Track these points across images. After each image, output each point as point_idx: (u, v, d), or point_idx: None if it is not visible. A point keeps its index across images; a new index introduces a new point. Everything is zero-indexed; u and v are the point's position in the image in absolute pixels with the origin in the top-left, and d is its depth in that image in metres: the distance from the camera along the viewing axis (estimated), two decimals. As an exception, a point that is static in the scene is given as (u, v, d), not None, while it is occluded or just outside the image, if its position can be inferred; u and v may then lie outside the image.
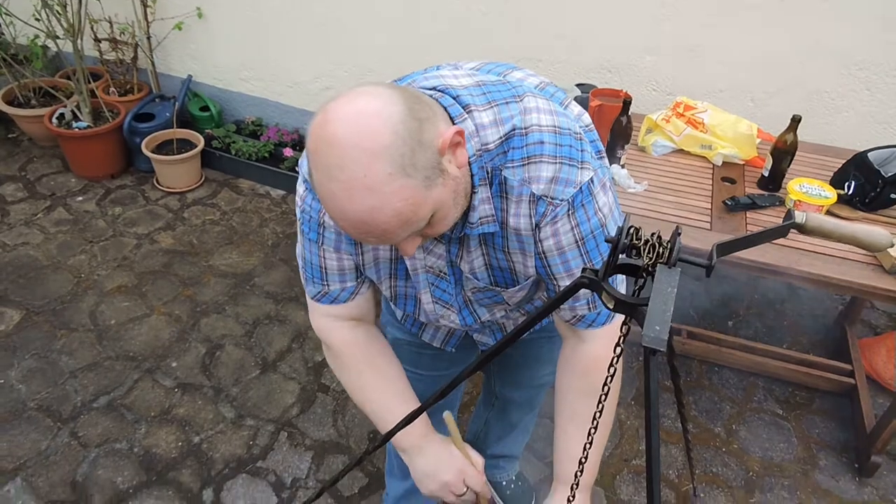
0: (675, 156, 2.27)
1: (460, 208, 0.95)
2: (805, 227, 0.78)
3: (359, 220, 0.84)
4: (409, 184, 0.82)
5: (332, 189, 0.82)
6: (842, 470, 2.23)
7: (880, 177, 1.87)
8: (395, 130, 0.80)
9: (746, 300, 2.90)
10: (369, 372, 1.24)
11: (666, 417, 2.37)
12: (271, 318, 2.70)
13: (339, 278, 1.15)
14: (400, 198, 0.82)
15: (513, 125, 0.96)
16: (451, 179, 0.89)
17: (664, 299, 0.71)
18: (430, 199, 0.85)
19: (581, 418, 0.98)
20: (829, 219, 0.78)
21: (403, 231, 0.87)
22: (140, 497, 2.04)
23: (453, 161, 0.88)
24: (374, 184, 0.80)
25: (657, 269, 0.74)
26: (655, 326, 0.67)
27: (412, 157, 0.81)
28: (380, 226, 0.84)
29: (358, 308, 1.21)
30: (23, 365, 2.44)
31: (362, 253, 1.12)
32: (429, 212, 0.87)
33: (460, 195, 0.93)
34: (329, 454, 2.20)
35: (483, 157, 0.96)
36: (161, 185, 3.41)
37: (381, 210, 0.82)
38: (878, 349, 2.48)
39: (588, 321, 1.11)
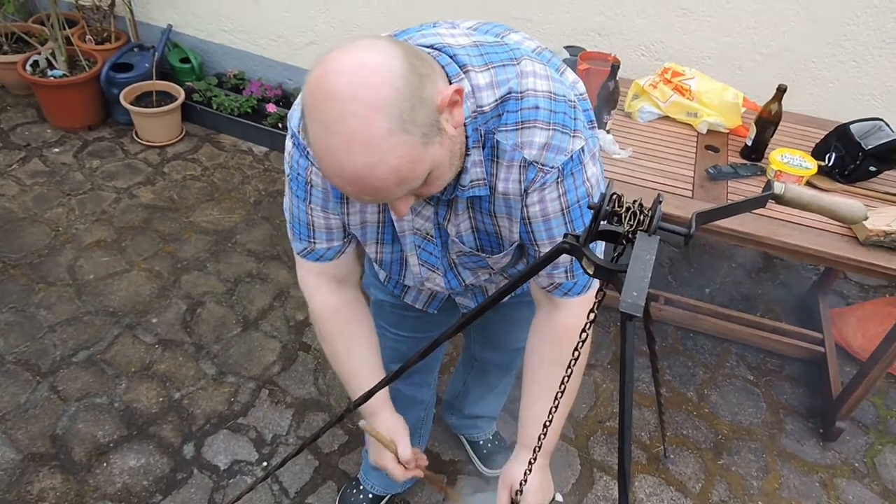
0: (661, 122, 2.27)
1: (455, 169, 0.95)
2: (783, 198, 0.79)
3: (355, 176, 0.82)
4: (408, 140, 0.80)
5: (330, 143, 0.80)
6: (807, 434, 2.30)
7: (861, 149, 1.89)
8: (396, 85, 0.78)
9: (724, 269, 2.95)
10: (342, 339, 1.27)
11: (640, 381, 2.42)
12: (253, 276, 2.69)
13: (327, 236, 1.15)
14: (398, 155, 0.80)
15: (509, 88, 0.95)
16: (448, 139, 0.87)
17: (643, 266, 0.72)
18: (427, 157, 0.84)
19: (549, 385, 0.99)
20: (807, 190, 0.79)
21: (399, 189, 0.85)
22: (121, 451, 2.06)
23: (450, 120, 0.87)
24: (372, 139, 0.78)
25: (637, 237, 0.75)
26: (633, 292, 0.68)
27: (412, 113, 0.79)
28: (376, 183, 0.83)
29: (342, 267, 1.21)
30: (0, 318, 2.42)
31: (349, 214, 1.11)
32: (425, 170, 0.86)
33: (456, 155, 0.92)
34: (309, 412, 2.23)
35: (478, 119, 0.95)
36: (140, 139, 3.34)
37: (378, 167, 0.81)
38: (848, 319, 2.54)
39: (565, 289, 1.12)
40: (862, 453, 2.26)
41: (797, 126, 2.29)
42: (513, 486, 1.16)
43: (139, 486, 1.97)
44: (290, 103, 3.40)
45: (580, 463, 2.16)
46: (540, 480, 1.18)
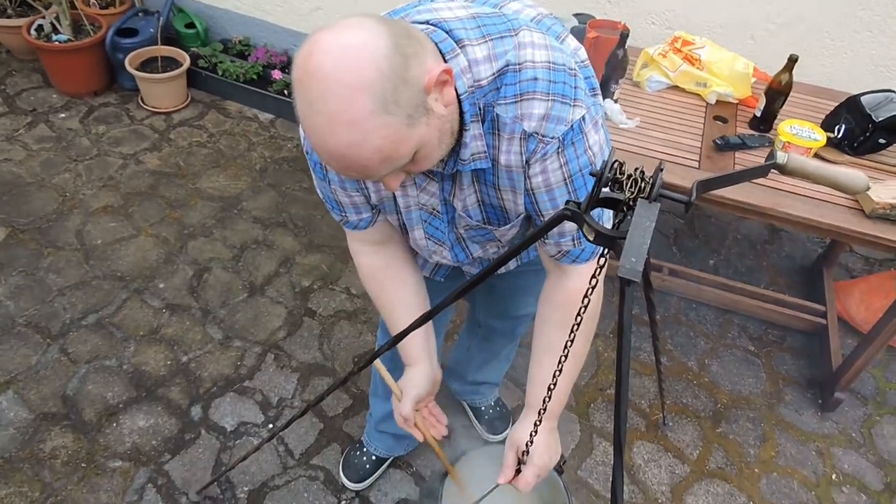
0: (670, 92, 2.25)
1: (446, 147, 0.95)
2: (786, 168, 0.80)
3: (339, 154, 0.84)
4: (391, 121, 0.81)
5: (315, 122, 0.82)
6: (806, 405, 2.33)
7: (871, 121, 1.87)
8: (379, 66, 0.79)
9: (729, 241, 2.95)
10: (385, 297, 1.33)
11: (642, 350, 2.44)
12: (259, 243, 2.71)
13: (354, 211, 1.19)
14: (380, 135, 0.82)
15: (506, 61, 0.94)
16: (437, 118, 0.88)
17: (642, 232, 0.73)
18: (412, 137, 0.85)
19: (556, 349, 1.01)
20: (811, 160, 0.79)
21: (384, 168, 0.87)
22: (130, 411, 2.10)
23: (440, 100, 0.88)
24: (355, 119, 0.80)
25: (637, 204, 0.76)
26: (631, 258, 0.69)
27: (395, 94, 0.80)
28: (360, 161, 0.84)
29: (380, 232, 1.26)
30: (10, 282, 2.45)
31: (367, 189, 1.14)
32: (411, 150, 0.87)
33: (446, 134, 0.93)
34: (314, 376, 2.26)
35: (476, 93, 0.95)
36: (146, 105, 3.34)
37: (360, 146, 0.82)
38: (851, 292, 2.54)
39: (572, 256, 1.13)
40: (859, 424, 2.29)
41: (808, 97, 2.26)
42: (519, 447, 1.17)
43: (148, 446, 2.02)
44: (295, 70, 3.38)
45: (580, 429, 2.19)
46: (547, 442, 1.19)
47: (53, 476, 1.92)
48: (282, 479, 1.99)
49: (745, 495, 2.06)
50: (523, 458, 1.17)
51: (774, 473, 2.13)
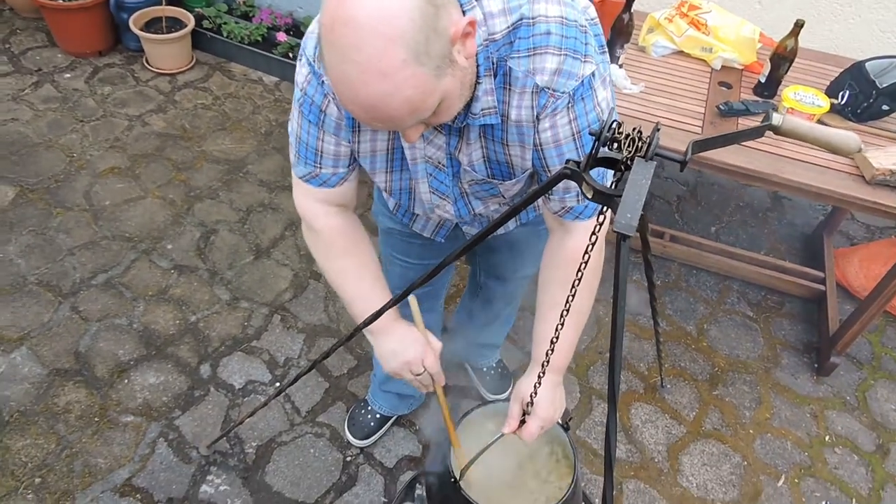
0: (675, 57, 2.24)
1: (464, 99, 0.96)
2: (781, 129, 0.81)
3: (370, 104, 0.85)
4: (421, 72, 0.82)
5: (347, 71, 0.82)
6: (802, 369, 2.37)
7: (875, 87, 1.87)
8: (413, 16, 0.79)
9: (732, 208, 2.96)
10: (349, 260, 1.28)
11: (641, 315, 2.48)
12: (265, 206, 2.74)
13: (333, 163, 1.16)
14: (411, 85, 0.83)
15: (521, 14, 0.95)
16: (460, 70, 0.89)
17: (638, 190, 0.75)
18: (439, 88, 0.86)
19: (560, 305, 1.03)
20: (804, 122, 0.81)
21: (411, 119, 0.88)
22: (141, 368, 2.16)
23: (462, 52, 0.88)
24: (388, 69, 0.80)
25: (634, 162, 0.78)
26: (627, 214, 0.72)
27: (426, 44, 0.81)
28: (389, 112, 0.85)
29: (343, 195, 1.23)
30: (20, 241, 2.49)
31: (359, 142, 1.13)
32: (436, 101, 0.88)
33: (466, 86, 0.94)
34: (320, 337, 2.31)
35: (489, 46, 0.96)
36: (151, 66, 3.33)
37: (392, 96, 0.83)
38: (851, 259, 2.57)
39: (576, 212, 1.15)
40: (854, 387, 2.33)
41: (813, 63, 2.25)
42: (524, 399, 1.20)
43: (159, 402, 2.08)
44: (300, 32, 3.36)
45: (580, 391, 2.25)
46: (552, 395, 1.22)
47: (68, 429, 1.99)
48: (289, 435, 2.05)
49: (739, 455, 2.12)
50: (528, 409, 1.20)
51: (769, 434, 2.18)
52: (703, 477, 2.06)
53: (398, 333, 1.28)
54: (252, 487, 1.92)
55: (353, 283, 1.28)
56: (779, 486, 2.06)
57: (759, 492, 2.04)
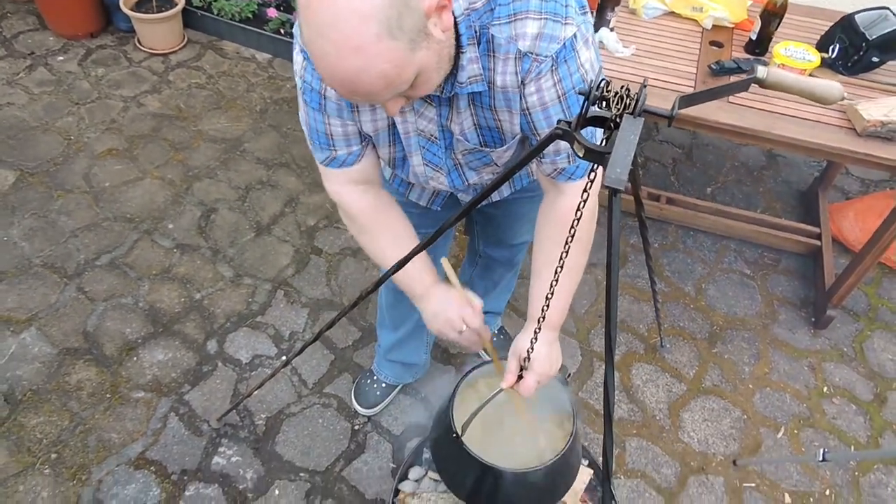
0: (666, 18, 2.24)
1: (444, 71, 0.98)
2: (766, 82, 0.83)
3: (346, 79, 0.87)
4: (395, 46, 0.84)
5: (323, 46, 0.85)
6: (799, 324, 2.41)
7: (864, 39, 1.87)
8: None
9: (727, 168, 2.97)
10: (383, 234, 1.32)
11: (639, 277, 2.51)
12: (263, 184, 2.75)
13: (345, 143, 1.19)
14: (385, 59, 0.85)
15: None
16: (436, 43, 0.91)
17: (627, 146, 0.77)
18: (414, 61, 0.88)
19: (554, 263, 1.05)
20: (789, 73, 0.82)
21: (388, 92, 0.91)
22: (149, 346, 2.20)
23: (438, 24, 0.90)
24: (361, 44, 0.83)
25: (623, 119, 0.80)
26: (617, 169, 0.74)
27: (399, 19, 0.83)
28: (365, 86, 0.88)
29: (365, 171, 1.26)
30: (23, 224, 2.52)
31: (360, 122, 1.16)
32: (412, 74, 0.90)
33: (444, 59, 0.96)
34: (324, 311, 2.34)
35: (471, 15, 0.98)
36: (143, 46, 3.32)
37: (367, 71, 0.85)
38: (846, 213, 2.59)
39: (568, 173, 1.17)
40: (850, 339, 2.37)
41: (803, 18, 2.25)
42: (521, 354, 1.23)
43: (168, 378, 2.12)
44: (290, 8, 3.34)
45: (581, 354, 2.29)
46: (548, 351, 1.25)
47: (80, 406, 2.03)
48: (297, 406, 2.09)
49: (739, 409, 2.17)
50: (525, 364, 1.23)
51: (767, 388, 2.23)
52: (703, 432, 2.11)
53: (437, 296, 1.32)
54: (263, 457, 1.97)
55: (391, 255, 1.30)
56: (778, 437, 2.11)
57: (760, 444, 2.09)
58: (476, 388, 1.36)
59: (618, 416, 2.14)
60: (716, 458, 2.06)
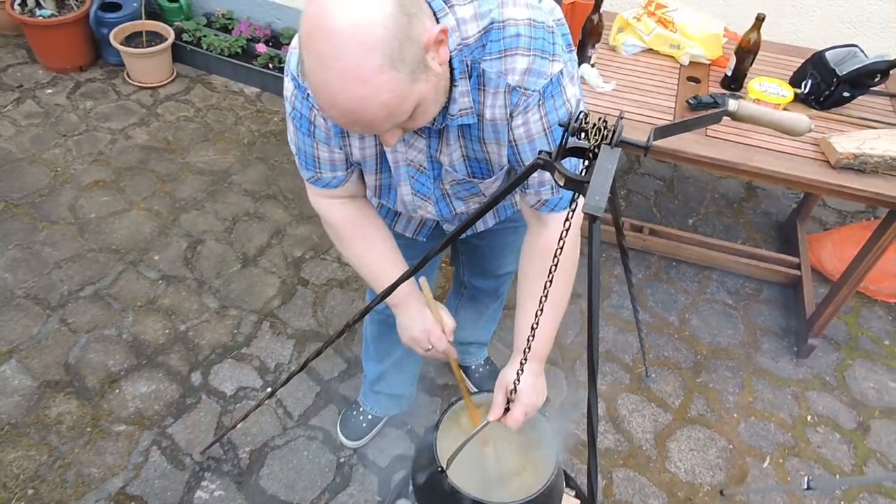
0: (644, 55, 2.30)
1: (439, 104, 1.02)
2: (737, 115, 0.87)
3: (348, 109, 0.90)
4: (397, 77, 0.87)
5: (326, 77, 0.87)
6: (782, 352, 2.43)
7: (835, 75, 1.94)
8: (387, 24, 0.84)
9: (707, 200, 3.03)
10: (363, 244, 1.36)
11: (624, 308, 2.53)
12: (250, 215, 2.77)
13: (331, 168, 1.23)
14: (387, 90, 0.88)
15: (491, 19, 1.01)
16: (434, 76, 0.94)
17: (605, 174, 0.80)
18: (414, 92, 0.91)
19: (539, 296, 1.07)
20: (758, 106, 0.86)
21: (388, 122, 0.93)
22: (132, 378, 2.18)
23: (436, 58, 0.94)
24: (365, 75, 0.85)
25: (601, 149, 0.83)
26: (596, 196, 0.77)
27: (401, 51, 0.86)
28: (367, 116, 0.90)
29: (349, 190, 1.30)
30: (7, 255, 2.50)
31: (350, 147, 1.19)
32: (412, 105, 0.93)
33: (441, 91, 1.00)
34: (310, 342, 2.34)
35: (463, 50, 1.02)
36: (132, 80, 3.36)
37: (369, 101, 0.88)
38: (824, 243, 2.64)
39: (551, 205, 1.20)
40: (833, 368, 2.40)
41: (776, 55, 2.32)
42: (508, 387, 1.24)
43: (151, 410, 2.10)
44: (279, 43, 3.40)
45: (567, 385, 2.29)
46: (534, 383, 1.26)
47: (60, 440, 2.00)
48: (282, 439, 2.07)
49: (725, 439, 2.17)
50: (511, 397, 1.23)
51: (752, 417, 2.24)
52: (690, 462, 2.11)
53: (410, 310, 1.35)
54: (247, 492, 1.94)
55: (368, 264, 1.37)
56: (764, 466, 2.12)
57: (746, 473, 2.09)
58: (459, 422, 1.36)
59: (604, 446, 2.13)
60: (703, 488, 2.05)
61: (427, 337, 1.35)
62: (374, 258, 1.36)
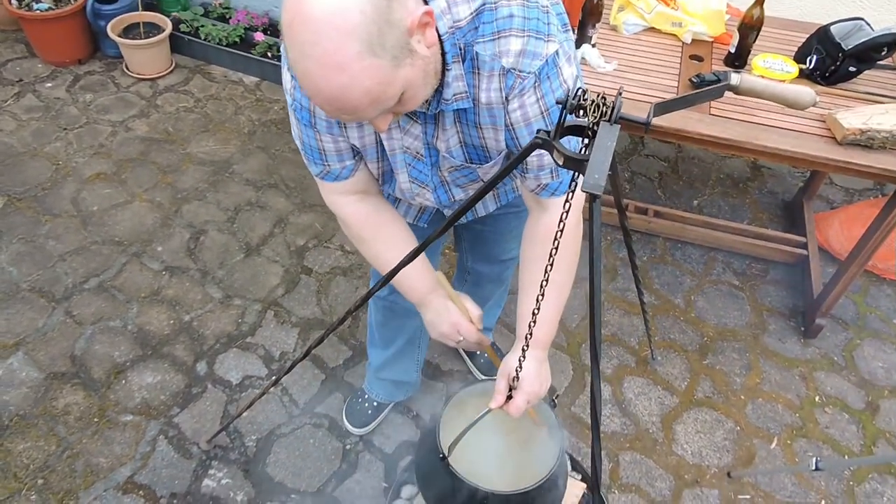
0: (646, 34, 2.27)
1: (430, 87, 1.00)
2: (739, 89, 0.85)
3: (332, 97, 0.88)
4: (378, 63, 0.86)
5: (307, 66, 0.86)
6: (789, 333, 2.42)
7: (840, 49, 1.90)
8: (364, 9, 0.83)
9: (713, 180, 3.00)
10: (379, 241, 1.34)
11: (629, 290, 2.52)
12: (252, 205, 2.76)
13: (338, 158, 1.21)
14: (368, 76, 0.86)
15: (483, 0, 0.99)
16: (421, 59, 0.92)
17: (604, 152, 0.78)
18: (398, 78, 0.89)
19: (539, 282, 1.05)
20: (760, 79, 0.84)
21: (374, 109, 0.92)
22: (137, 369, 2.18)
23: (423, 41, 0.92)
24: (343, 62, 0.84)
25: (600, 126, 0.81)
26: (595, 174, 0.76)
27: (380, 36, 0.84)
28: (351, 103, 0.89)
29: (360, 182, 1.28)
30: (11, 249, 2.51)
31: (348, 138, 1.17)
32: (398, 91, 0.91)
33: (430, 75, 0.97)
34: (314, 330, 2.33)
35: (455, 34, 0.99)
36: (131, 72, 3.34)
37: (351, 88, 0.87)
38: (831, 222, 2.61)
39: (551, 189, 1.18)
40: (841, 348, 2.38)
41: (780, 31, 2.29)
42: (510, 374, 1.22)
43: (157, 401, 2.10)
44: (277, 32, 3.37)
45: (572, 368, 2.28)
46: (537, 370, 1.25)
47: (68, 431, 2.01)
48: (288, 427, 2.08)
49: (732, 420, 2.16)
50: (514, 384, 1.22)
51: (760, 399, 2.23)
52: (697, 444, 2.10)
53: (433, 306, 1.34)
54: (254, 479, 1.95)
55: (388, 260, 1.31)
56: (772, 448, 2.11)
57: (753, 455, 2.09)
58: (463, 409, 1.35)
59: (610, 429, 2.13)
60: (710, 470, 2.05)
61: (456, 330, 1.33)
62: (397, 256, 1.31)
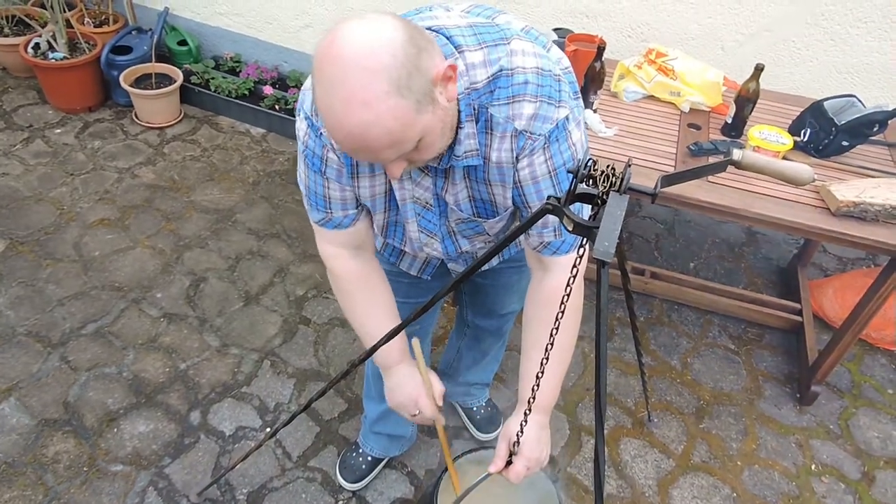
0: (646, 102, 2.35)
1: (446, 140, 1.04)
2: (741, 164, 0.89)
3: (354, 133, 0.91)
4: (402, 104, 0.90)
5: (331, 103, 0.90)
6: (784, 399, 2.42)
7: (834, 124, 1.98)
8: (395, 53, 0.88)
9: (708, 244, 3.05)
10: (363, 300, 1.36)
11: (626, 351, 2.53)
12: (253, 254, 2.78)
13: (342, 206, 1.24)
14: (392, 116, 0.90)
15: (500, 66, 1.05)
16: (441, 109, 0.96)
17: (614, 221, 0.81)
18: (419, 122, 0.93)
19: (543, 344, 1.07)
20: (762, 156, 0.88)
21: (392, 151, 0.95)
22: (130, 417, 2.16)
23: (444, 93, 0.96)
24: (369, 99, 0.88)
25: (609, 196, 0.84)
26: (605, 242, 0.78)
27: (408, 79, 0.89)
28: (371, 142, 0.92)
29: (358, 235, 1.30)
30: (10, 292, 2.50)
31: (359, 188, 1.21)
32: (417, 135, 0.95)
33: (447, 127, 1.02)
34: (310, 381, 2.32)
35: (471, 94, 1.05)
36: (140, 120, 3.41)
37: (374, 125, 0.90)
38: (825, 289, 2.65)
39: (553, 248, 1.21)
40: (836, 416, 2.38)
41: (775, 104, 2.37)
42: (511, 438, 1.22)
43: (149, 450, 2.07)
44: (286, 86, 3.47)
45: (569, 428, 2.27)
46: (538, 435, 1.25)
47: (56, 480, 1.97)
48: (280, 480, 2.04)
49: (729, 487, 2.14)
50: (514, 449, 1.21)
51: (756, 465, 2.21)
52: (693, 510, 2.08)
53: (399, 374, 1.35)
54: (244, 535, 1.91)
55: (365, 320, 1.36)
56: (769, 516, 2.08)
57: (750, 523, 2.06)
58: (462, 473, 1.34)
59: (607, 492, 2.10)
60: (707, 537, 2.02)
61: (414, 402, 1.34)
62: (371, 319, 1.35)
